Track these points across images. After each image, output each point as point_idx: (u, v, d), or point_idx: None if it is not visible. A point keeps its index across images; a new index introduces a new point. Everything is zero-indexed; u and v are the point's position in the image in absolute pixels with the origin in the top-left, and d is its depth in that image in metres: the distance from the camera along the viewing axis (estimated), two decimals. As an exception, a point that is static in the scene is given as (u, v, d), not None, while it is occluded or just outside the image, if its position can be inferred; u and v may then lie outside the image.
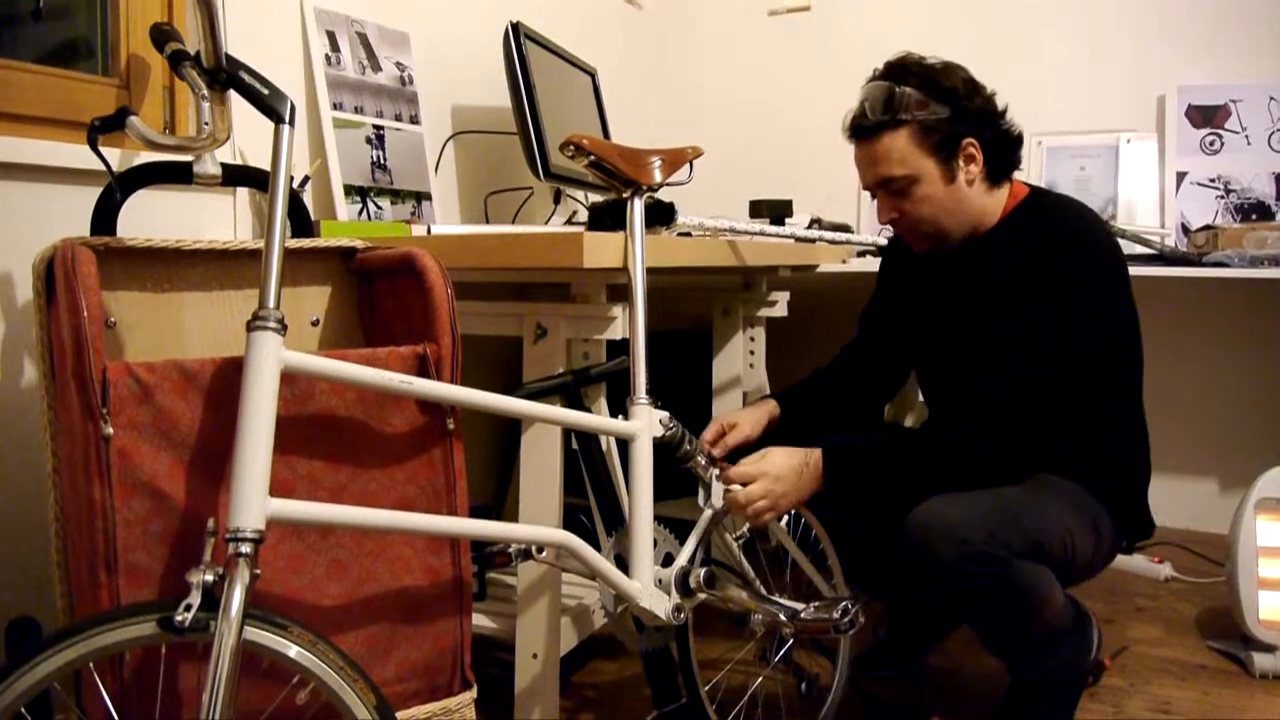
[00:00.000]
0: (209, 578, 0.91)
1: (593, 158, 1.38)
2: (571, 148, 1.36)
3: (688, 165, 1.53)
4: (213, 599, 0.90)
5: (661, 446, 1.42)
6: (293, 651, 0.96)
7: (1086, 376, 1.46)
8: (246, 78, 1.06)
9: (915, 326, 1.68)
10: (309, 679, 0.98)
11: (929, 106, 1.47)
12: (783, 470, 1.43)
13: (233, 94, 1.09)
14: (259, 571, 0.92)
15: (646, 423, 1.39)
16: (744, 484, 1.43)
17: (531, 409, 1.28)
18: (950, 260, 1.58)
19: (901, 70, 1.51)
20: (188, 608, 0.90)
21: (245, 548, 0.92)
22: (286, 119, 1.05)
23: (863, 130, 1.51)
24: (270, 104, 1.05)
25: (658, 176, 1.46)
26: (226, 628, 0.88)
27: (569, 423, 1.33)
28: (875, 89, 1.50)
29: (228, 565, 0.91)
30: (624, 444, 1.40)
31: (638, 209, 1.43)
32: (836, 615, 1.47)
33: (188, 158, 1.30)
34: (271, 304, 1.00)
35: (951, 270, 1.58)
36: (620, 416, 1.40)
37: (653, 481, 1.37)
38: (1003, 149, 1.53)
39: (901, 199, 1.51)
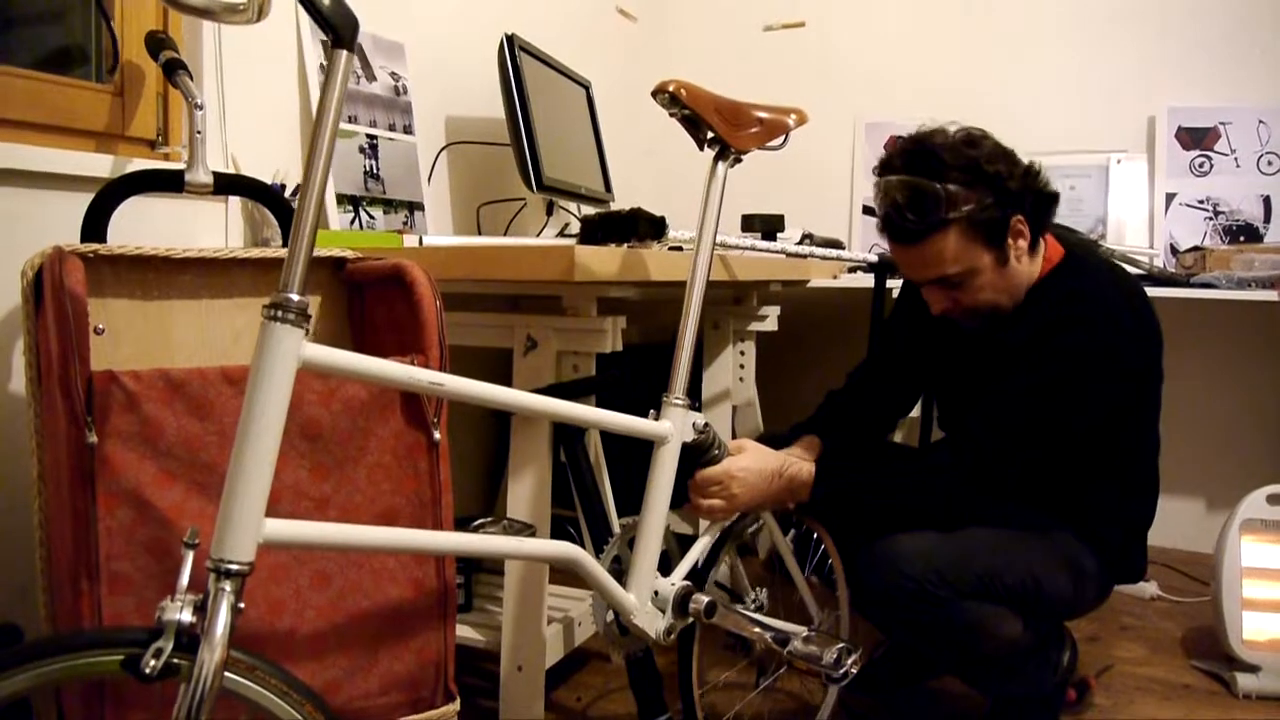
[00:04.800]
0: (184, 617, 0.82)
1: (687, 112, 1.25)
2: (666, 95, 1.23)
3: (784, 135, 1.40)
4: (190, 638, 0.82)
5: (687, 451, 1.35)
6: (229, 681, 0.87)
7: (1075, 442, 1.44)
8: None
9: (936, 367, 1.66)
10: (252, 708, 0.90)
11: (975, 199, 1.36)
12: (748, 471, 1.40)
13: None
14: (243, 605, 0.84)
15: (680, 425, 1.30)
16: (712, 483, 1.40)
17: (562, 407, 1.20)
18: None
19: (934, 161, 1.37)
20: (157, 653, 0.81)
21: (227, 585, 0.81)
22: (347, 42, 0.86)
23: (905, 235, 1.40)
24: (329, 18, 0.85)
25: (751, 143, 1.32)
26: (207, 659, 0.80)
27: (599, 422, 1.24)
28: (911, 188, 1.37)
29: (211, 598, 0.82)
30: (643, 443, 1.30)
31: (719, 175, 1.29)
32: (830, 660, 1.40)
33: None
34: (295, 287, 0.83)
35: (979, 328, 1.54)
36: (651, 415, 1.31)
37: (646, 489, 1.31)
38: (1043, 213, 1.45)
39: (957, 290, 1.44)
